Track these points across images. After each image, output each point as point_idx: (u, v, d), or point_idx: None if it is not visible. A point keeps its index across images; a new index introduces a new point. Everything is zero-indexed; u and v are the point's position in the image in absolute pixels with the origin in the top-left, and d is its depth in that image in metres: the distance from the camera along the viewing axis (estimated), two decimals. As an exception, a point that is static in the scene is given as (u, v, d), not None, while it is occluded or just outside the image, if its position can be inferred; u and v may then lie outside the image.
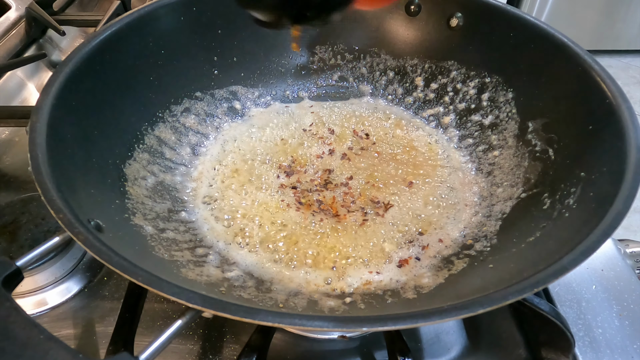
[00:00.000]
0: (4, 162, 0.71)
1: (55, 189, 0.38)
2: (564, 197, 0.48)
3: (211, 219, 0.58)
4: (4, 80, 0.81)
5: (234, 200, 0.61)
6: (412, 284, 0.51)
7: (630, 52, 2.86)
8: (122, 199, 0.52)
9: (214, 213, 0.59)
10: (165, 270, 0.45)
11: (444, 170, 0.65)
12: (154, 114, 0.64)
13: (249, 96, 0.75)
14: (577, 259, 0.35)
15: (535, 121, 0.60)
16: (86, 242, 0.35)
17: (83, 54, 0.52)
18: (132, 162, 0.57)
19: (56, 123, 0.45)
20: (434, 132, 0.71)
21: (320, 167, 0.66)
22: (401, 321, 0.31)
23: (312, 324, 0.31)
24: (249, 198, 0.61)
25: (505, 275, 0.42)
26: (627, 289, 0.56)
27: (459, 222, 0.59)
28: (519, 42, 0.63)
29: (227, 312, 0.32)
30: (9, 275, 0.35)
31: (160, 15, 0.63)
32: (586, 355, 0.50)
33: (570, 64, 0.55)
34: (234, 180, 0.63)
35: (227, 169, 0.65)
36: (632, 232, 1.91)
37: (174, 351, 0.50)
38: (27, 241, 0.54)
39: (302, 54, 0.77)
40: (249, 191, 0.62)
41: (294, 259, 0.54)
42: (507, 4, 0.65)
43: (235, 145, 0.68)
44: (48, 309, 0.53)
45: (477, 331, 0.53)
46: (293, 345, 0.51)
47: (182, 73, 0.67)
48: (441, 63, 0.72)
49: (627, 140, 0.45)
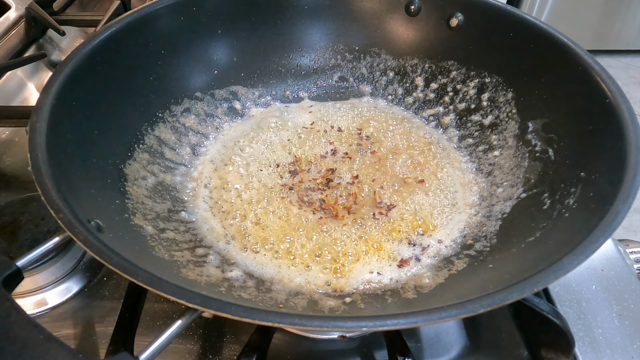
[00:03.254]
0: (4, 162, 0.71)
1: (55, 189, 0.38)
2: (564, 197, 0.48)
3: (211, 219, 0.58)
4: (4, 80, 0.81)
5: (234, 200, 0.61)
6: (412, 284, 0.51)
7: (630, 52, 2.86)
8: (122, 199, 0.52)
9: (213, 213, 0.59)
10: (165, 270, 0.45)
11: (444, 171, 0.65)
12: (154, 114, 0.64)
13: (249, 96, 0.75)
14: (577, 259, 0.35)
15: (535, 121, 0.60)
16: (86, 242, 0.35)
17: (83, 54, 0.52)
18: (132, 162, 0.57)
19: (56, 123, 0.45)
20: (434, 132, 0.71)
21: (322, 166, 0.66)
22: (401, 321, 0.32)
23: (312, 324, 0.31)
24: (249, 198, 0.61)
25: (505, 275, 0.42)
26: (627, 289, 0.56)
27: (459, 222, 0.59)
28: (519, 42, 0.63)
29: (227, 312, 0.32)
30: (9, 276, 0.36)
31: (160, 15, 0.63)
32: (586, 355, 0.50)
33: (570, 64, 0.55)
34: (234, 181, 0.63)
35: (227, 169, 0.65)
36: (632, 232, 1.91)
37: (174, 351, 0.50)
38: (27, 241, 0.54)
39: (302, 54, 0.77)
40: (249, 191, 0.62)
41: (295, 259, 0.54)
42: (507, 4, 0.65)
43: (235, 145, 0.68)
44: (48, 309, 0.53)
45: (477, 331, 0.53)
46: (293, 345, 0.51)
47: (182, 73, 0.67)
48: (441, 63, 0.72)
49: (627, 140, 0.45)
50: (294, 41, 0.76)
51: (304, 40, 0.76)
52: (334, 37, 0.76)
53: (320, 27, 0.76)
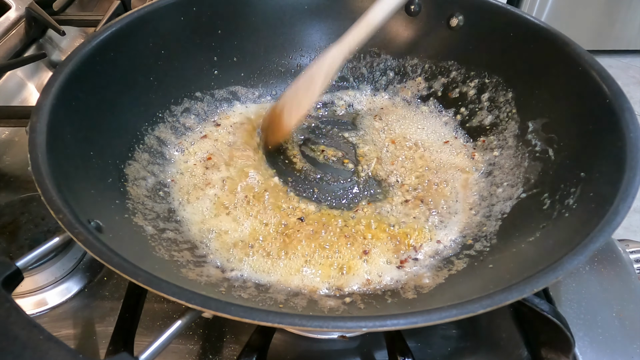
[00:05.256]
0: (4, 162, 0.71)
1: (55, 189, 0.38)
2: (564, 197, 0.48)
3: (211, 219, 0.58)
4: (4, 80, 0.81)
5: (235, 200, 0.60)
6: (412, 284, 0.51)
7: (630, 52, 2.86)
8: (122, 199, 0.52)
9: (213, 213, 0.59)
10: (165, 271, 0.45)
11: (444, 171, 0.65)
12: (154, 114, 0.64)
13: (249, 96, 0.75)
14: (577, 259, 0.35)
15: (535, 121, 0.60)
16: (86, 242, 0.35)
17: (83, 54, 0.52)
18: (132, 162, 0.57)
19: (56, 123, 0.45)
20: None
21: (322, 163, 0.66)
22: (401, 321, 0.32)
23: (312, 324, 0.31)
24: (249, 198, 0.61)
25: (505, 275, 0.42)
26: (627, 289, 0.56)
27: (459, 222, 0.59)
28: (519, 42, 0.63)
29: (227, 312, 0.32)
30: (9, 276, 0.36)
31: (160, 15, 0.63)
32: (586, 355, 0.50)
33: (570, 64, 0.55)
34: (234, 180, 0.63)
35: (227, 169, 0.65)
36: (632, 232, 1.91)
37: (174, 351, 0.50)
38: (27, 241, 0.54)
39: (302, 54, 0.77)
40: (249, 191, 0.62)
41: (295, 258, 0.54)
42: (507, 4, 0.65)
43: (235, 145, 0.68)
44: (48, 309, 0.53)
45: (477, 331, 0.53)
46: (293, 345, 0.51)
47: (182, 73, 0.67)
48: (441, 63, 0.72)
49: (627, 140, 0.45)
50: (294, 41, 0.76)
51: (304, 40, 0.76)
52: (334, 37, 0.76)
53: (320, 27, 0.76)
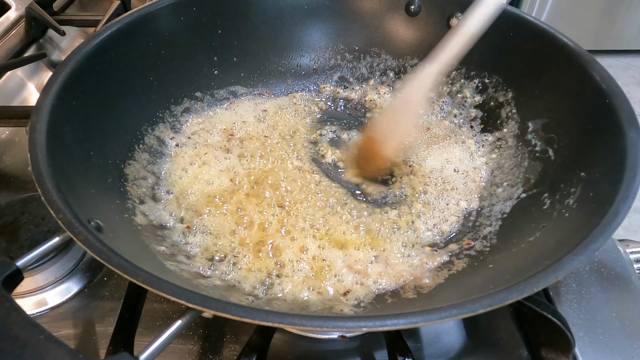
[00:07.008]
0: (4, 162, 0.71)
1: (55, 189, 0.38)
2: (564, 197, 0.48)
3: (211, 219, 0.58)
4: (4, 80, 0.81)
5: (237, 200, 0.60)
6: (412, 284, 0.51)
7: (630, 52, 2.86)
8: (122, 199, 0.52)
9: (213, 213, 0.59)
10: (165, 271, 0.45)
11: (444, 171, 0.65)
12: (154, 114, 0.64)
13: (249, 96, 0.74)
14: (577, 259, 0.35)
15: (535, 121, 0.60)
16: (86, 242, 0.35)
17: (83, 54, 0.52)
18: (132, 162, 0.57)
19: (56, 123, 0.45)
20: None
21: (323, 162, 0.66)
22: (401, 321, 0.32)
23: (312, 324, 0.31)
24: (250, 198, 0.61)
25: (505, 275, 0.42)
26: (627, 289, 0.56)
27: (459, 222, 0.59)
28: (519, 42, 0.63)
29: (227, 312, 0.32)
30: (9, 276, 0.35)
31: (160, 15, 0.63)
32: (586, 355, 0.50)
33: (570, 64, 0.55)
34: (235, 180, 0.63)
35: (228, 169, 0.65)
36: (632, 232, 1.91)
37: (174, 351, 0.50)
38: (27, 241, 0.54)
39: (302, 54, 0.77)
40: (250, 191, 0.62)
41: (295, 258, 0.54)
42: (507, 4, 0.65)
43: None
44: (48, 309, 0.53)
45: (477, 331, 0.53)
46: (293, 345, 0.51)
47: (182, 73, 0.67)
48: (441, 63, 0.72)
49: (627, 140, 0.44)
50: (294, 41, 0.76)
51: (304, 40, 0.76)
52: (334, 37, 0.76)
53: (320, 27, 0.76)
